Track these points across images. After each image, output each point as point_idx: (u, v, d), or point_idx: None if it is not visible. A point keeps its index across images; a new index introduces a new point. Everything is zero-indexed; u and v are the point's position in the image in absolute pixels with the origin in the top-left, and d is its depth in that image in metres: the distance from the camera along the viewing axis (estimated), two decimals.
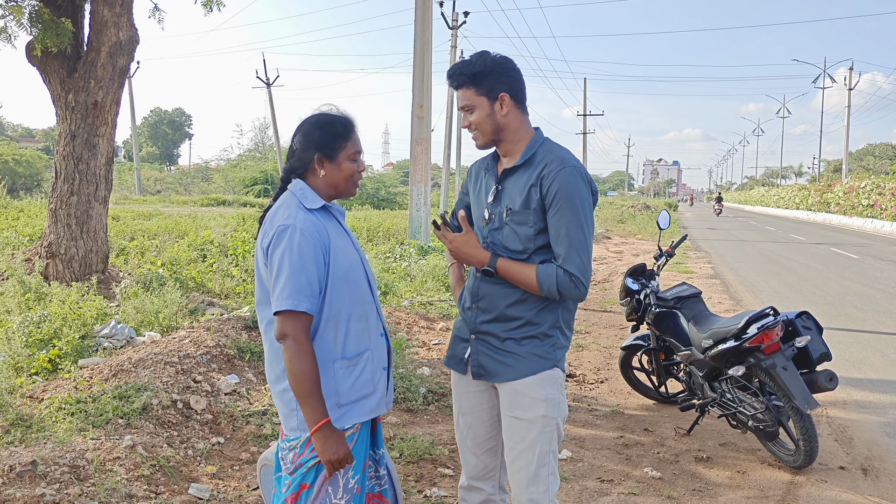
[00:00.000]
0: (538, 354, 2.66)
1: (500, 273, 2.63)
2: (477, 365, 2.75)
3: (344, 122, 2.55)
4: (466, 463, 2.91)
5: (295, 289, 2.33)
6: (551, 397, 2.66)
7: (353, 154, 2.54)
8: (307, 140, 2.53)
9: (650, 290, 5.58)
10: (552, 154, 2.63)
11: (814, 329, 4.78)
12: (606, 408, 5.87)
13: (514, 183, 2.67)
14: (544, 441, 2.65)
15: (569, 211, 2.55)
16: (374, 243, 16.13)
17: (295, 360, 2.33)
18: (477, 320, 2.74)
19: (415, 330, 8.11)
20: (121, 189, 50.17)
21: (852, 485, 4.53)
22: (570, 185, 2.55)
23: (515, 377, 2.66)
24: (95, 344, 6.10)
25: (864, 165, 77.38)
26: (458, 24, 34.01)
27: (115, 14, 8.67)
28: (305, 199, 2.49)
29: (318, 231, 2.42)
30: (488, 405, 2.83)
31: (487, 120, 2.65)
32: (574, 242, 2.55)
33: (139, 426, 4.44)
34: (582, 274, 2.55)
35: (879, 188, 37.54)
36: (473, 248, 2.67)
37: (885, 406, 6.16)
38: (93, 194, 8.82)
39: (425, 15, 14.34)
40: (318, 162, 2.52)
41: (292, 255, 2.35)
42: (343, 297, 2.46)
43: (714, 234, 30.13)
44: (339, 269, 2.45)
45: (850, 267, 16.95)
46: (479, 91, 2.63)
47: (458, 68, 2.65)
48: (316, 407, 2.35)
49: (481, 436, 2.86)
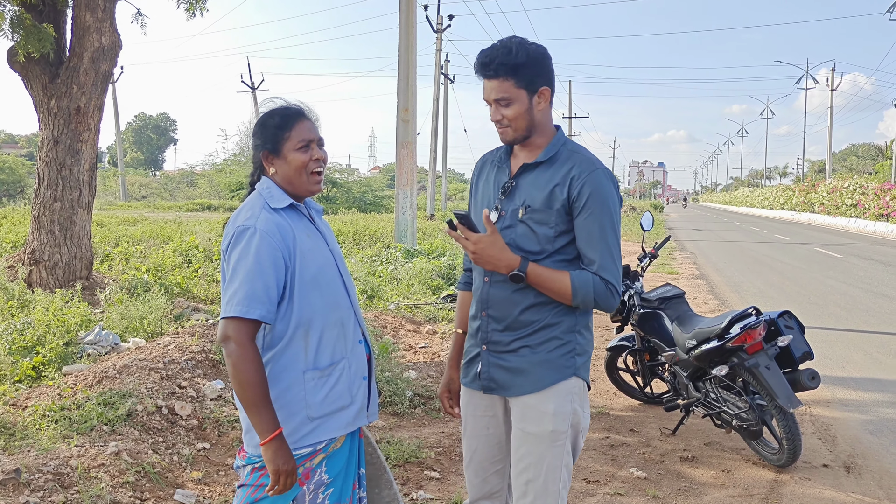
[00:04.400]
0: (554, 363, 2.48)
1: (529, 279, 2.41)
2: (488, 378, 2.56)
3: (283, 112, 2.40)
4: (472, 484, 2.78)
5: (248, 294, 2.19)
6: (561, 411, 2.48)
7: (299, 144, 2.36)
8: (254, 140, 2.44)
9: (634, 291, 5.60)
10: (580, 155, 2.47)
11: (796, 328, 4.82)
12: (593, 409, 5.89)
13: (533, 180, 2.48)
14: (554, 455, 2.48)
15: (603, 215, 2.38)
16: (360, 247, 16.12)
17: (240, 366, 2.18)
18: (488, 329, 2.55)
19: (401, 333, 8.11)
20: (105, 195, 49.93)
21: (835, 482, 4.57)
22: (604, 188, 2.40)
23: (530, 390, 2.49)
24: (80, 351, 6.07)
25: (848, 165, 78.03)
26: (442, 27, 34.11)
27: (97, 19, 8.64)
28: (272, 197, 2.36)
29: (281, 233, 2.28)
30: (495, 430, 2.66)
31: (525, 115, 2.44)
32: (609, 248, 2.40)
33: (124, 433, 4.41)
34: (617, 283, 2.40)
35: (862, 188, 37.90)
36: (501, 251, 2.41)
37: (867, 404, 6.22)
38: (76, 200, 8.78)
39: (409, 19, 14.36)
40: (266, 159, 2.41)
41: (248, 258, 2.22)
42: (314, 303, 2.32)
43: (700, 235, 30.30)
44: (307, 272, 2.31)
45: (834, 266, 17.09)
46: (520, 84, 2.41)
47: (496, 57, 2.40)
48: (265, 416, 2.20)
49: (487, 460, 2.70)
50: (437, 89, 36.89)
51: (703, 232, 33.16)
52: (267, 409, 2.21)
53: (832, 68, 56.43)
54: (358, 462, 2.50)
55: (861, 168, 70.84)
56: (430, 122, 37.96)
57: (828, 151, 57.61)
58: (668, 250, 20.86)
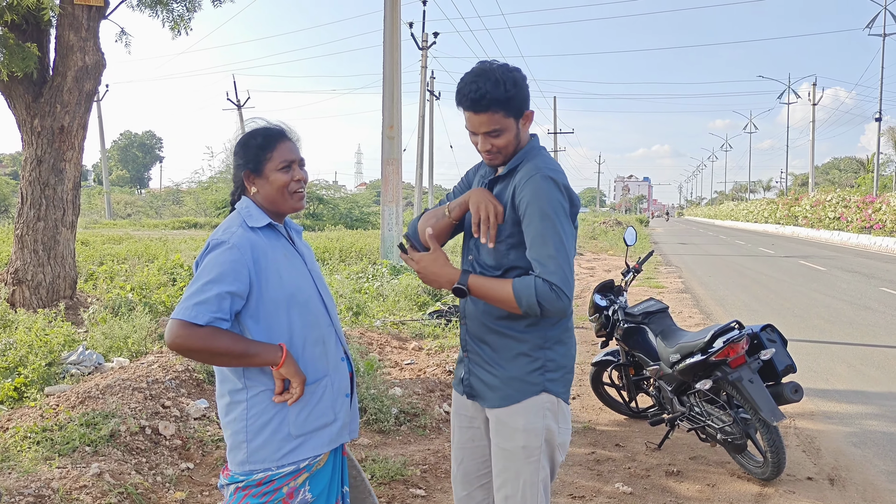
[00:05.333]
0: (523, 379, 2.49)
1: (472, 292, 2.42)
2: (468, 384, 2.63)
3: (265, 133, 2.44)
4: (458, 498, 2.79)
5: (201, 300, 2.20)
6: (532, 427, 2.48)
7: (281, 164, 2.40)
8: (235, 160, 2.47)
9: (618, 306, 5.62)
10: (529, 163, 2.46)
11: (778, 342, 4.85)
12: (578, 424, 5.90)
13: (498, 193, 2.52)
14: (529, 472, 2.49)
15: (540, 218, 2.34)
16: (346, 263, 16.10)
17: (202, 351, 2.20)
18: (467, 338, 2.63)
19: (387, 350, 8.09)
20: (90, 213, 49.68)
21: (820, 495, 4.58)
22: (541, 191, 2.36)
23: (499, 404, 2.52)
24: (62, 371, 6.02)
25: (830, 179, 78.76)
26: (428, 44, 34.26)
27: (80, 39, 8.64)
28: (250, 216, 2.39)
29: (253, 250, 2.30)
30: (480, 442, 2.70)
31: (514, 141, 2.46)
32: (551, 249, 2.32)
33: (106, 453, 4.38)
34: (563, 283, 2.31)
35: (845, 201, 38.24)
36: (441, 267, 2.45)
37: (851, 416, 6.25)
38: (60, 219, 8.74)
39: (394, 37, 14.42)
40: (248, 179, 2.44)
41: (213, 267, 2.24)
42: (293, 322, 2.35)
43: (685, 249, 30.44)
44: (282, 292, 2.33)
45: (817, 279, 17.20)
46: (509, 114, 2.41)
47: (486, 91, 2.36)
48: (261, 350, 2.26)
49: (472, 472, 2.73)
50: (423, 106, 37.02)
51: (688, 246, 33.32)
52: (257, 345, 2.27)
53: (813, 83, 57.05)
54: (342, 479, 2.50)
55: (843, 181, 71.50)
56: (416, 138, 38.06)
57: (810, 165, 58.14)
58: (654, 264, 20.95)
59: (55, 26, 8.82)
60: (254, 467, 2.32)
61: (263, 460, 2.31)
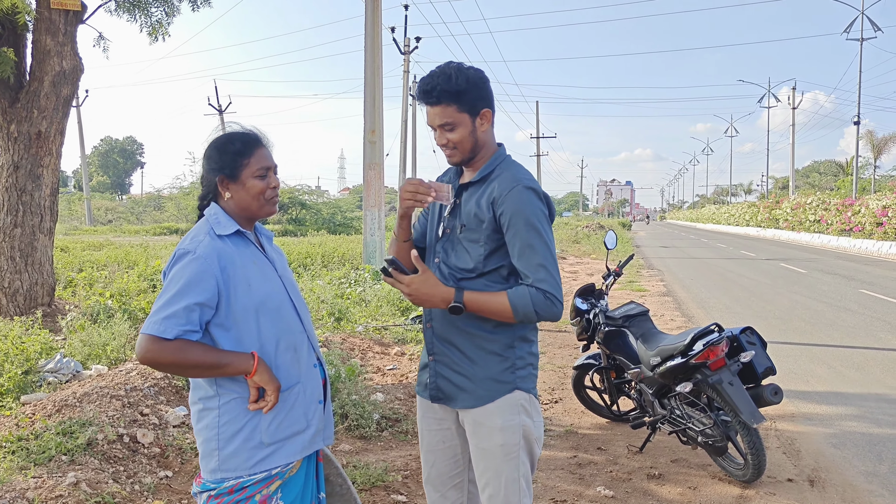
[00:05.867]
0: (494, 378, 2.53)
1: (468, 308, 2.45)
2: (435, 388, 2.64)
3: (243, 138, 2.40)
4: (431, 499, 2.81)
5: (169, 314, 2.18)
6: (509, 425, 2.53)
7: (258, 171, 2.38)
8: (209, 163, 2.41)
9: (599, 310, 5.63)
10: (507, 173, 2.52)
11: (758, 344, 4.87)
12: (560, 428, 5.89)
13: (468, 198, 2.58)
14: (510, 469, 2.53)
15: (528, 229, 2.42)
16: (329, 269, 16.04)
17: (173, 364, 2.20)
18: (433, 340, 2.64)
19: (369, 356, 8.06)
20: (70, 220, 49.27)
21: (800, 496, 4.60)
22: (524, 203, 2.44)
23: (472, 405, 2.55)
24: (39, 379, 5.95)
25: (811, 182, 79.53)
26: (409, 49, 34.24)
27: (58, 43, 8.57)
28: (218, 223, 2.36)
29: (220, 259, 2.27)
30: (451, 443, 2.72)
31: (469, 137, 2.52)
32: (539, 258, 2.42)
33: (83, 462, 4.33)
34: (555, 290, 2.41)
35: (825, 204, 38.57)
36: (434, 287, 2.47)
37: (831, 418, 6.29)
38: (37, 226, 8.65)
39: (375, 41, 14.40)
40: (222, 184, 2.39)
41: (179, 279, 2.21)
42: (263, 329, 2.32)
43: (667, 252, 30.59)
44: (251, 300, 2.30)
45: (798, 281, 17.33)
46: (462, 108, 2.48)
47: (438, 84, 2.46)
48: (233, 359, 2.24)
49: (445, 473, 2.75)
50: (406, 111, 37.02)
51: (670, 249, 33.48)
52: (229, 355, 2.25)
53: (793, 87, 57.64)
54: (317, 486, 2.48)
55: (823, 184, 72.24)
56: (398, 143, 38.03)
57: (791, 168, 58.60)
58: (636, 268, 21.03)
59: (32, 30, 8.75)
60: (225, 475, 2.29)
61: (235, 468, 2.28)
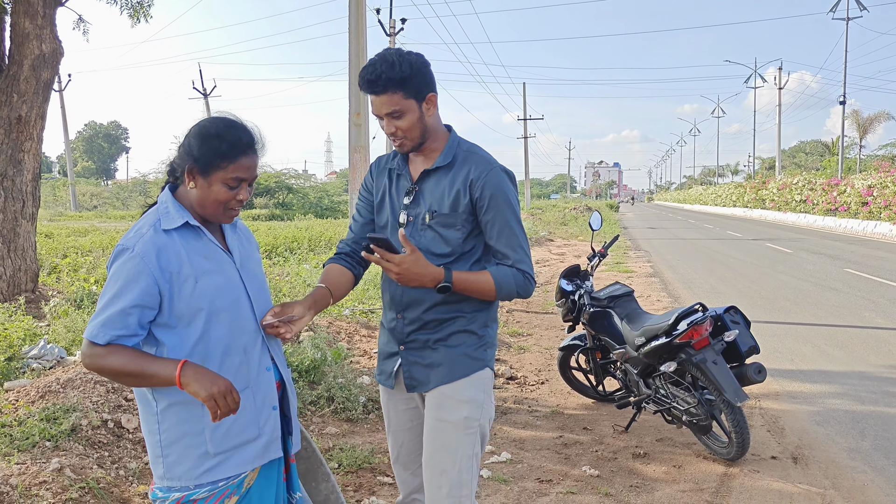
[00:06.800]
0: (470, 355, 2.58)
1: (456, 287, 2.47)
2: (409, 377, 2.64)
3: (233, 141, 2.17)
4: (402, 481, 2.81)
5: (105, 318, 2.08)
6: (475, 399, 2.58)
7: (231, 179, 2.17)
8: (187, 146, 2.20)
9: (584, 291, 5.64)
10: (477, 156, 2.56)
11: (742, 323, 4.89)
12: (546, 408, 5.91)
13: (435, 184, 2.56)
14: (468, 444, 2.56)
15: (507, 211, 2.51)
16: (316, 252, 16.00)
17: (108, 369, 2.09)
18: (405, 330, 2.62)
19: (356, 339, 8.06)
20: (55, 205, 48.89)
21: (783, 474, 4.64)
22: (503, 186, 2.52)
23: (447, 381, 2.57)
24: (23, 365, 5.91)
25: (797, 162, 79.81)
26: (395, 31, 34.00)
27: (36, 26, 8.45)
28: (166, 215, 2.19)
29: (161, 256, 2.12)
30: (418, 421, 2.73)
31: (418, 124, 2.50)
32: (520, 241, 2.54)
33: (68, 448, 4.31)
34: (532, 271, 2.56)
35: (811, 184, 38.73)
36: (424, 267, 2.42)
37: (815, 396, 6.34)
38: (19, 211, 8.57)
39: (359, 23, 14.28)
40: (189, 173, 2.19)
41: (118, 279, 2.09)
42: (210, 330, 2.17)
43: (654, 234, 30.69)
44: (197, 298, 2.15)
45: (784, 261, 17.43)
46: (408, 95, 2.45)
47: (381, 72, 2.41)
48: (158, 367, 2.07)
49: (414, 452, 2.75)
50: None
51: (657, 230, 33.59)
52: (154, 364, 2.08)
53: (779, 67, 57.73)
54: (289, 488, 2.39)
55: (809, 164, 72.52)
56: None
57: (777, 149, 58.79)
58: (623, 249, 21.10)
59: (9, 13, 8.63)
60: (171, 484, 2.19)
61: (181, 477, 2.18)
